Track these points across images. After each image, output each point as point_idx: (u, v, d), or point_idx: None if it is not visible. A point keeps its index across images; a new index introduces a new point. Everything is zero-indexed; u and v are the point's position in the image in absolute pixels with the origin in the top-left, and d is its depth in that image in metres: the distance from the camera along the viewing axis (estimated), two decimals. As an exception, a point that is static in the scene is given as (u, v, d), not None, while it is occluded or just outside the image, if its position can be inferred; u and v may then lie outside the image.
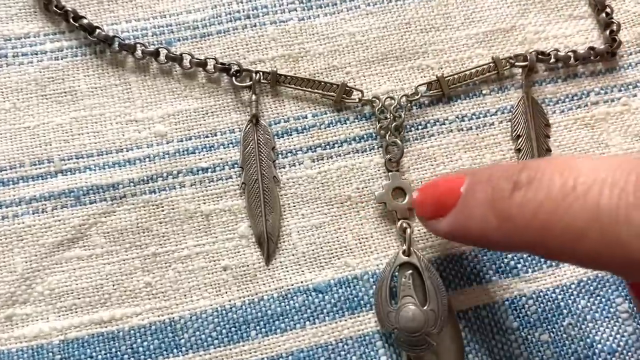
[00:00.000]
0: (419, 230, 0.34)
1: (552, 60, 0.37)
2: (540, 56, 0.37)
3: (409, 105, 0.36)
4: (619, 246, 0.21)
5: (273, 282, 0.33)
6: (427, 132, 0.36)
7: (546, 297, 0.33)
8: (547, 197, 0.23)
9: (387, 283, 0.32)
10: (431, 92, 0.36)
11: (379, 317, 0.32)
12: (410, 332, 0.30)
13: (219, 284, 0.33)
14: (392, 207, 0.34)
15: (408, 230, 0.33)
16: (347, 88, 0.35)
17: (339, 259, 0.33)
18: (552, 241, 0.23)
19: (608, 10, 0.38)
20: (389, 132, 0.35)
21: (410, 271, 0.32)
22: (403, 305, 0.31)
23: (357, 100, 0.35)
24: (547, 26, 0.38)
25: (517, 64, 0.36)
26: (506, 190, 0.24)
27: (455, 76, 0.36)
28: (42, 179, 0.34)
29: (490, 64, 0.36)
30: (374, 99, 0.35)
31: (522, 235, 0.24)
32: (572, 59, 0.37)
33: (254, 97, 0.35)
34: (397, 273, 0.32)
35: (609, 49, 0.38)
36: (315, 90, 0.35)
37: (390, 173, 0.34)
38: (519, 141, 0.36)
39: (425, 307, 0.31)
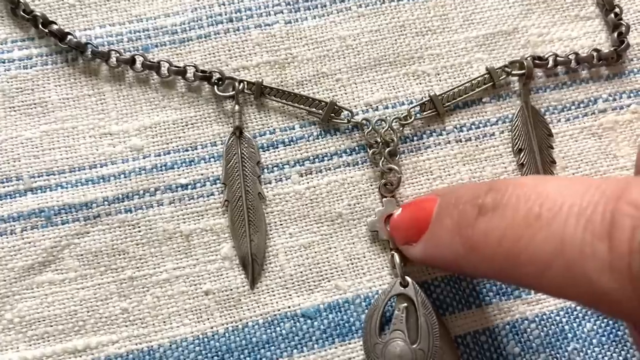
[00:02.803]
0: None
1: (551, 64, 0.35)
2: (537, 61, 0.35)
3: (401, 129, 0.33)
4: (584, 281, 0.20)
5: (258, 307, 0.32)
6: (423, 143, 0.34)
7: (550, 320, 0.32)
8: (511, 225, 0.22)
9: (378, 313, 0.30)
10: (425, 113, 0.34)
11: (364, 347, 0.30)
12: None
13: (200, 309, 0.31)
14: (384, 236, 0.32)
15: (397, 261, 0.31)
16: (336, 107, 0.33)
17: (329, 281, 0.32)
18: (517, 271, 0.22)
19: (617, 10, 0.36)
20: (383, 158, 0.33)
21: (405, 304, 0.30)
22: (392, 339, 0.29)
23: (345, 121, 0.34)
24: (552, 28, 0.37)
25: (513, 72, 0.34)
26: (471, 216, 0.24)
27: (450, 93, 0.34)
28: (11, 198, 0.32)
29: (485, 75, 0.34)
30: (364, 121, 0.33)
31: (488, 264, 0.23)
32: (572, 62, 0.35)
33: (237, 107, 0.34)
34: (392, 303, 0.31)
35: (614, 51, 0.35)
36: (302, 107, 0.34)
37: (384, 199, 0.32)
38: (522, 155, 0.34)
39: (414, 346, 0.29)
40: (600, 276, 0.20)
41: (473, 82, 0.34)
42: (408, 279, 0.31)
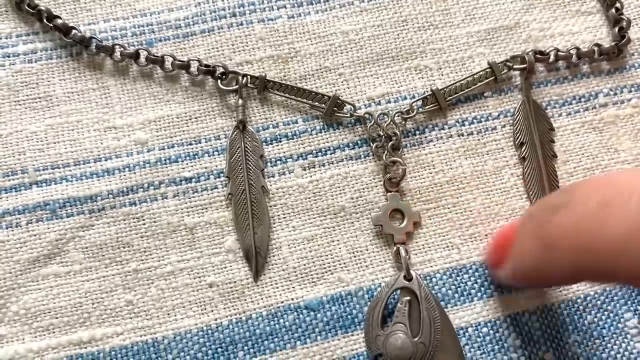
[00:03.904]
0: (417, 251, 0.33)
1: (552, 59, 0.35)
2: (538, 56, 0.35)
3: (403, 122, 0.34)
4: None
5: (262, 299, 0.32)
6: (425, 137, 0.34)
7: (551, 312, 0.32)
8: (584, 214, 0.23)
9: (381, 305, 0.30)
10: (427, 107, 0.34)
11: (366, 338, 0.30)
12: None
13: (204, 301, 0.31)
14: (388, 230, 0.32)
15: (403, 254, 0.31)
16: (338, 101, 0.33)
17: (332, 274, 0.32)
18: (595, 259, 0.22)
19: (618, 5, 0.36)
20: (386, 152, 0.33)
21: (408, 298, 0.30)
22: (393, 331, 0.30)
23: (348, 115, 0.34)
24: (553, 23, 0.37)
25: (515, 66, 0.34)
26: (547, 217, 0.25)
27: (452, 87, 0.34)
28: (16, 191, 0.32)
29: (487, 70, 0.34)
30: (366, 114, 0.33)
31: (567, 258, 0.24)
32: (574, 57, 0.35)
33: (240, 101, 0.34)
34: (394, 295, 0.31)
35: (615, 46, 0.36)
36: (305, 101, 0.34)
37: (389, 194, 0.32)
38: (523, 149, 0.34)
39: (416, 339, 0.29)
40: None
41: (475, 76, 0.34)
42: (412, 272, 0.31)
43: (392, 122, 0.33)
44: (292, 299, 0.32)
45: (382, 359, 0.30)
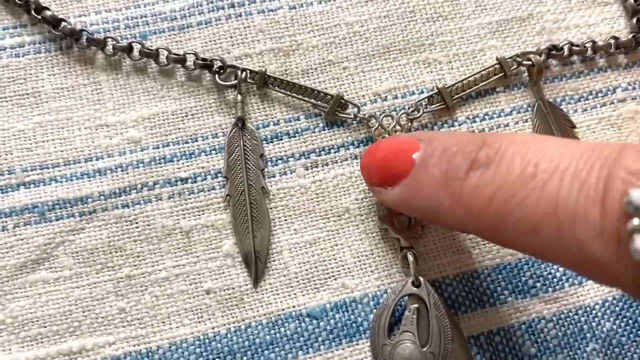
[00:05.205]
0: (425, 255, 0.31)
1: (566, 54, 0.34)
2: (552, 52, 0.33)
3: (409, 124, 0.32)
4: (574, 244, 0.20)
5: (262, 306, 0.31)
6: None
7: (567, 319, 0.31)
8: (504, 183, 0.22)
9: (388, 313, 0.29)
10: (434, 106, 0.33)
11: (372, 348, 0.29)
12: None
13: (201, 309, 0.30)
14: (395, 234, 0.31)
15: (411, 259, 0.30)
16: (342, 101, 0.32)
17: (335, 279, 0.31)
18: (505, 230, 0.22)
19: None
20: None
21: (416, 305, 0.29)
22: (401, 341, 0.28)
23: (352, 116, 0.32)
24: (568, 14, 0.35)
25: (524, 62, 0.33)
26: (462, 169, 0.24)
27: (459, 84, 0.33)
28: (3, 193, 0.31)
29: (496, 65, 0.33)
30: (370, 117, 0.32)
31: (474, 220, 0.23)
32: (589, 51, 0.34)
33: (239, 97, 0.32)
34: (401, 302, 0.30)
35: (633, 39, 0.34)
36: (307, 99, 0.32)
37: None
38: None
39: (424, 349, 0.28)
40: (591, 241, 0.20)
41: (483, 72, 0.33)
42: (421, 278, 0.29)
43: (397, 124, 0.32)
44: (294, 307, 0.31)
45: (389, 371, 0.29)
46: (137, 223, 0.31)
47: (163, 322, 0.30)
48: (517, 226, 0.22)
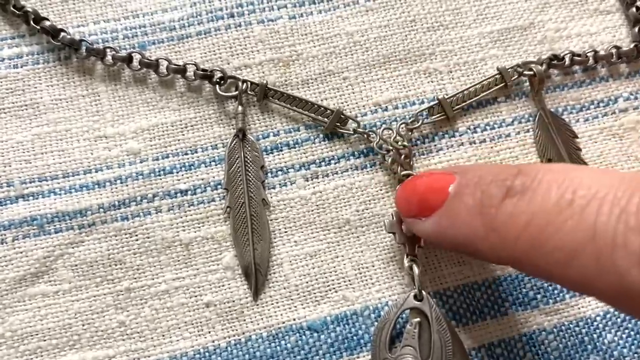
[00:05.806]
0: (426, 267, 0.31)
1: (567, 63, 0.34)
2: (553, 62, 0.33)
3: (409, 134, 0.32)
4: (613, 272, 0.20)
5: (262, 319, 0.30)
6: (435, 145, 0.33)
7: (568, 331, 0.31)
8: (541, 210, 0.22)
9: (389, 327, 0.29)
10: (434, 117, 0.32)
11: None
12: None
13: (201, 322, 0.30)
14: (402, 240, 0.30)
15: (416, 272, 0.30)
16: (342, 116, 0.32)
17: (336, 292, 0.31)
18: (540, 259, 0.22)
19: (638, 4, 0.35)
20: (400, 166, 0.31)
21: (418, 319, 0.28)
22: (402, 355, 0.28)
23: (351, 131, 0.32)
24: (570, 23, 0.35)
25: (525, 73, 0.33)
26: (497, 197, 0.24)
27: (460, 95, 0.33)
28: (1, 205, 0.31)
29: (497, 76, 0.33)
30: (370, 132, 0.32)
31: (508, 248, 0.23)
32: (590, 60, 0.34)
33: (240, 108, 0.32)
34: (404, 316, 0.30)
35: (635, 48, 0.34)
36: (307, 113, 0.32)
37: None
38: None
39: None
40: (630, 269, 0.19)
41: (484, 82, 0.33)
42: (423, 292, 0.29)
43: (398, 135, 0.32)
44: (294, 319, 0.30)
45: (390, 385, 0.28)
46: (136, 235, 0.31)
47: (163, 336, 0.30)
48: (553, 254, 0.21)
